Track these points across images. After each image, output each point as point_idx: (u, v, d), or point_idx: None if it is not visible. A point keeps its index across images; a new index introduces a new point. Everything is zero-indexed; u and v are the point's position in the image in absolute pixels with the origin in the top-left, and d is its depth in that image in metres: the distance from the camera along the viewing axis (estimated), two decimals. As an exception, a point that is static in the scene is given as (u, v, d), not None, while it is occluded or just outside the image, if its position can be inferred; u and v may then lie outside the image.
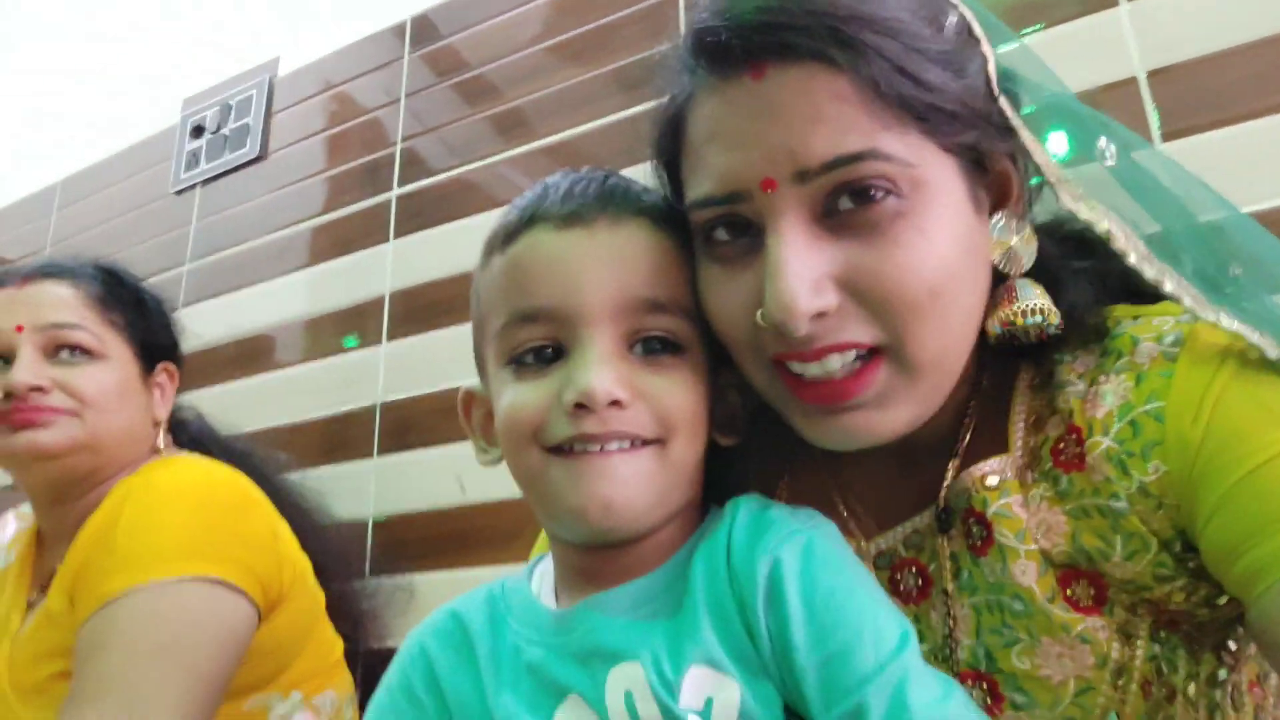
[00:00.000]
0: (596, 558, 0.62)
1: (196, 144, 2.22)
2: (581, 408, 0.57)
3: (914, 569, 0.65)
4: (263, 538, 1.08)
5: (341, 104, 2.00)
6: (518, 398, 0.60)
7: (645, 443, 0.59)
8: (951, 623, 0.62)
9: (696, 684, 0.55)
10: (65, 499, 1.13)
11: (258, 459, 1.30)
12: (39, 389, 1.07)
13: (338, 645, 1.24)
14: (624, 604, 0.60)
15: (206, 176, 2.17)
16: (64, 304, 1.13)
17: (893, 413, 0.58)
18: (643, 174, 0.68)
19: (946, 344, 0.58)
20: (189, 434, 1.28)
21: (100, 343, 1.13)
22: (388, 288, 1.75)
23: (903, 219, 0.55)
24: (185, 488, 1.06)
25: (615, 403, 0.57)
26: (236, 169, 2.12)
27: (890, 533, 0.67)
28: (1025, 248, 0.61)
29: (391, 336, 1.71)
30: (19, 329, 1.10)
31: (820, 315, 0.55)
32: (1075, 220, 0.61)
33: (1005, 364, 0.65)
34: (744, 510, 0.62)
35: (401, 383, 1.67)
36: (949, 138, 0.56)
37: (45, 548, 1.17)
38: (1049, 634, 0.59)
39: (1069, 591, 0.59)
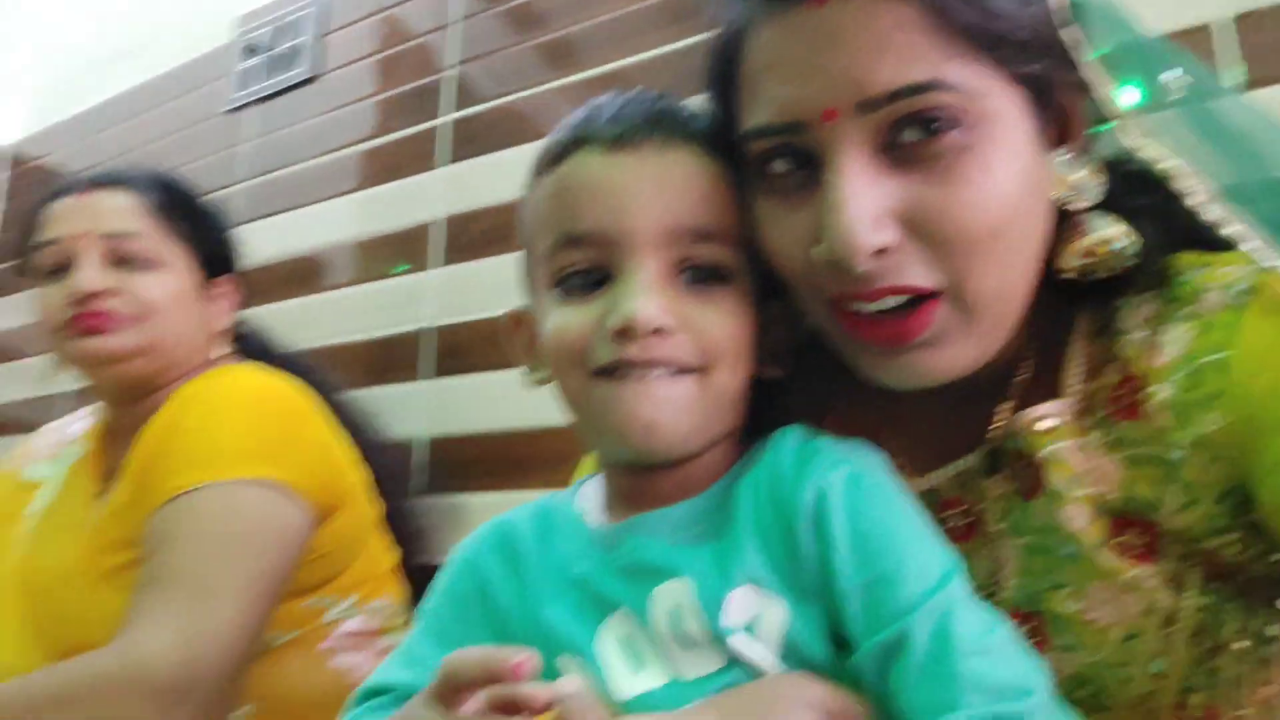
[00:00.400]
0: (641, 480, 0.63)
1: (249, 63, 2.22)
2: (625, 334, 0.57)
3: (960, 509, 0.65)
4: (318, 445, 1.12)
5: (393, 27, 1.99)
6: (563, 321, 0.60)
7: (687, 371, 0.59)
8: (997, 564, 0.62)
9: (742, 603, 0.56)
10: (130, 399, 1.17)
11: (316, 375, 1.33)
12: (101, 295, 1.10)
13: (391, 555, 1.28)
14: (669, 525, 0.61)
15: (259, 96, 2.18)
16: (125, 213, 1.15)
17: (953, 352, 0.57)
18: (703, 98, 0.67)
19: (1006, 283, 0.57)
20: (250, 347, 1.31)
21: (159, 252, 1.16)
22: (439, 213, 1.76)
23: (967, 153, 0.53)
24: (246, 394, 1.10)
25: (658, 330, 0.57)
26: (288, 90, 2.13)
27: (937, 472, 0.66)
28: (1091, 182, 0.60)
29: (446, 261, 1.72)
30: (83, 237, 1.12)
31: (880, 252, 0.54)
32: (1135, 158, 0.59)
33: (1063, 308, 0.63)
34: (791, 439, 0.62)
35: (455, 307, 1.68)
36: (1016, 68, 0.54)
37: (112, 442, 1.22)
38: (1097, 579, 0.58)
39: (1119, 539, 0.58)
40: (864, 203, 0.53)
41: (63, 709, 0.87)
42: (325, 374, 1.40)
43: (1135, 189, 0.61)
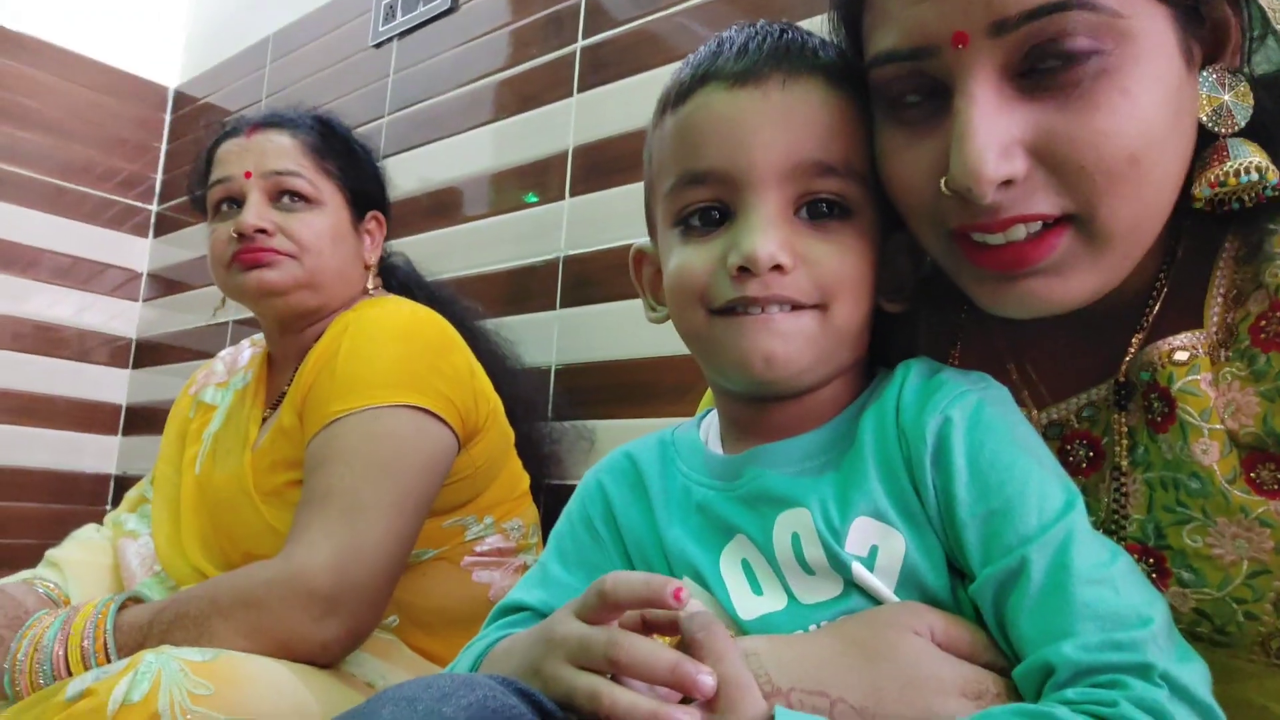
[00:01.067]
0: (760, 411, 0.64)
1: (392, -3, 2.26)
2: (745, 271, 0.57)
3: (1085, 441, 0.63)
4: (462, 374, 1.17)
5: (529, -47, 1.98)
6: (684, 260, 0.61)
7: (806, 307, 0.59)
8: (1122, 498, 0.60)
9: (862, 533, 0.57)
10: (291, 330, 1.26)
11: (458, 305, 1.40)
12: (264, 231, 1.18)
13: (525, 479, 1.34)
14: (790, 456, 0.62)
15: (402, 30, 2.22)
16: (285, 152, 1.23)
17: (1074, 281, 0.55)
18: (828, 23, 0.65)
19: (1141, 214, 0.54)
20: (397, 278, 1.39)
21: (316, 189, 1.23)
22: (571, 143, 1.76)
23: (1105, 77, 0.50)
24: (396, 326, 1.16)
25: (778, 267, 0.57)
26: (429, 21, 2.16)
27: (1064, 403, 0.64)
28: (1240, 104, 0.55)
29: (574, 192, 1.73)
30: (247, 175, 1.21)
31: (1008, 183, 0.52)
32: None
33: (1208, 232, 0.59)
34: (915, 372, 0.62)
35: (583, 237, 1.69)
36: None
37: (275, 370, 1.32)
38: (1225, 515, 0.56)
39: (1254, 474, 0.55)
40: (994, 131, 0.52)
41: (235, 611, 0.95)
42: (466, 303, 1.47)
43: None
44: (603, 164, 1.69)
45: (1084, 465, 0.63)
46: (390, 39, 2.26)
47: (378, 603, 1.01)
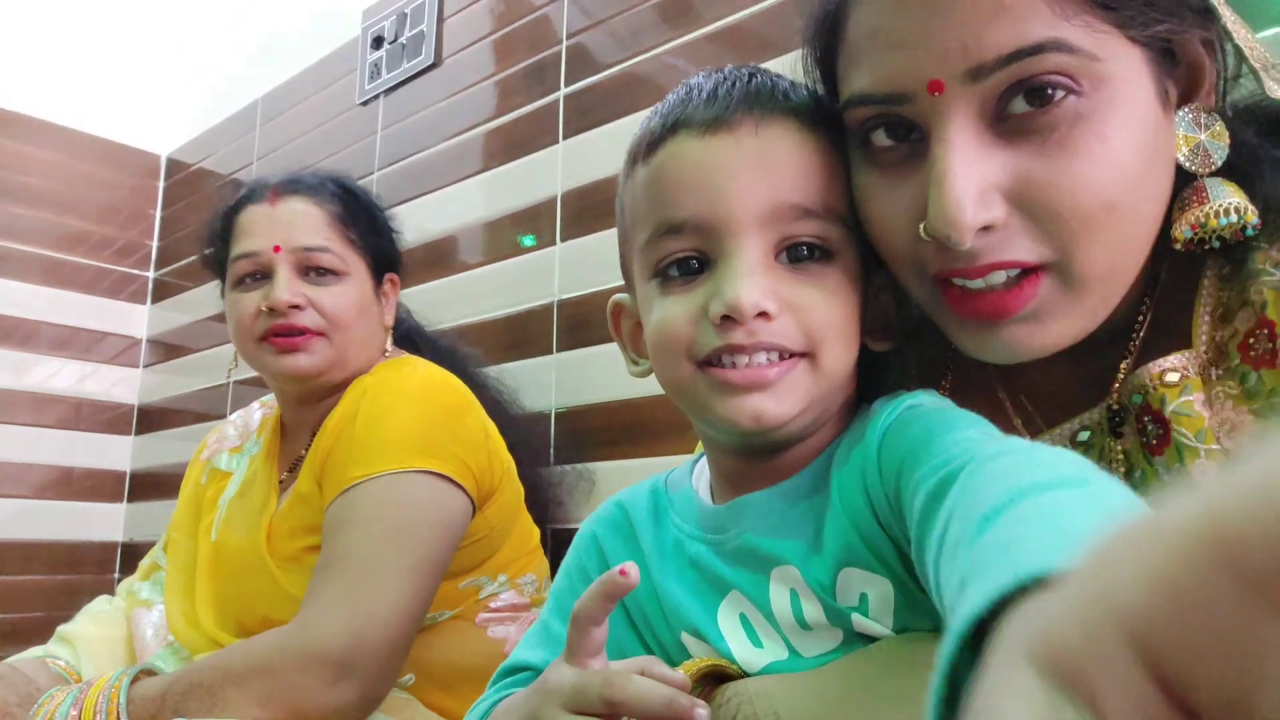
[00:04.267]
0: (748, 462, 0.63)
1: (377, 55, 2.29)
2: (728, 320, 0.56)
3: None
4: (477, 437, 1.18)
5: (509, 3, 2.01)
6: (666, 312, 0.60)
7: (794, 355, 0.57)
8: None
9: (848, 582, 0.56)
10: (310, 400, 1.26)
11: (460, 355, 1.41)
12: (297, 307, 1.19)
13: (535, 533, 1.35)
14: (772, 507, 0.61)
15: (388, 86, 2.25)
16: (312, 226, 1.23)
17: (1053, 327, 0.55)
18: (801, 62, 0.65)
19: (1118, 258, 0.54)
20: (401, 331, 1.40)
21: (343, 262, 1.24)
22: (559, 188, 1.78)
23: (1083, 122, 0.50)
24: (412, 391, 1.17)
25: (763, 314, 0.56)
26: (414, 77, 2.19)
27: (1059, 429, 0.64)
28: (1216, 143, 0.56)
29: (565, 237, 1.74)
30: (276, 250, 1.20)
31: (986, 229, 0.52)
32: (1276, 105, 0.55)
33: (1192, 254, 0.59)
34: (884, 413, 0.60)
35: (576, 281, 1.71)
36: (1141, 29, 0.51)
37: (289, 434, 1.32)
38: None
39: None
40: (971, 178, 0.51)
41: (249, 679, 0.95)
42: (466, 352, 1.48)
43: (1275, 137, 0.57)
44: (592, 208, 1.71)
45: None
46: (376, 96, 2.29)
47: (392, 667, 1.01)
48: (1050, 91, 0.50)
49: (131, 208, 2.97)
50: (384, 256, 1.32)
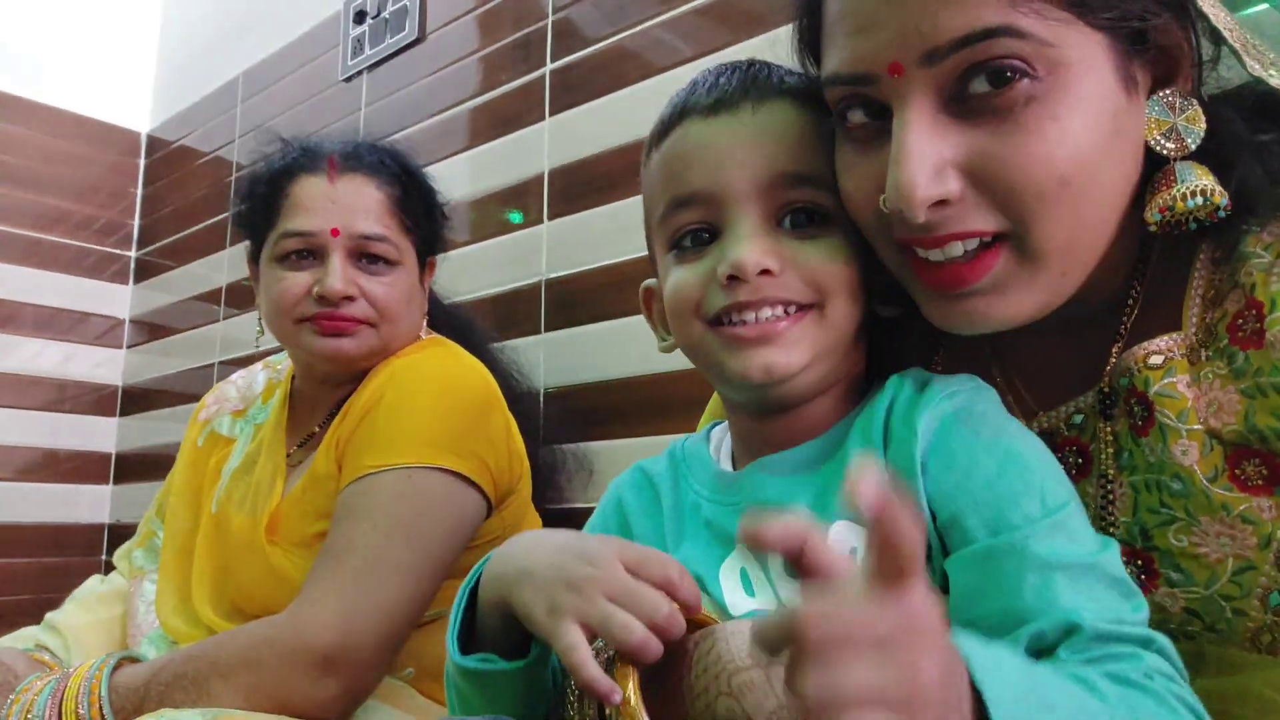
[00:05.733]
0: (764, 424, 0.68)
1: (360, 30, 2.26)
2: (734, 280, 0.61)
3: (1075, 448, 0.64)
4: (499, 436, 1.15)
5: (494, -23, 1.98)
6: (679, 278, 0.66)
7: (801, 309, 0.62)
8: (1109, 502, 0.62)
9: (841, 536, 0.58)
10: (338, 379, 1.22)
11: (477, 330, 1.38)
12: (350, 298, 1.14)
13: (540, 525, 1.32)
14: (786, 466, 0.65)
15: (371, 62, 2.22)
16: (372, 211, 1.17)
17: (1013, 299, 0.57)
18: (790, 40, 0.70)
19: (1076, 234, 0.56)
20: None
21: (398, 251, 1.19)
22: (546, 166, 1.76)
23: (1036, 103, 0.53)
24: (440, 383, 1.14)
25: (766, 271, 0.61)
26: (398, 53, 2.16)
27: (1053, 412, 0.66)
28: (1189, 127, 0.57)
29: (553, 215, 1.73)
30: (334, 233, 1.14)
31: (941, 203, 0.55)
32: (1263, 86, 0.56)
33: (1184, 236, 0.61)
34: (909, 382, 0.64)
35: (564, 259, 1.69)
36: (1098, 15, 0.52)
37: (301, 406, 1.27)
38: (1208, 514, 0.57)
39: (1238, 471, 0.57)
40: (926, 155, 0.54)
41: (236, 671, 0.93)
42: (481, 326, 1.44)
43: (1260, 121, 0.58)
44: (580, 185, 1.69)
45: (1074, 472, 0.64)
46: (360, 72, 2.26)
47: (379, 664, 0.99)
48: (1008, 74, 0.52)
49: (112, 186, 2.93)
50: (433, 240, 1.28)
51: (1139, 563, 0.60)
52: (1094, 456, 0.63)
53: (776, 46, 0.71)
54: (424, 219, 1.25)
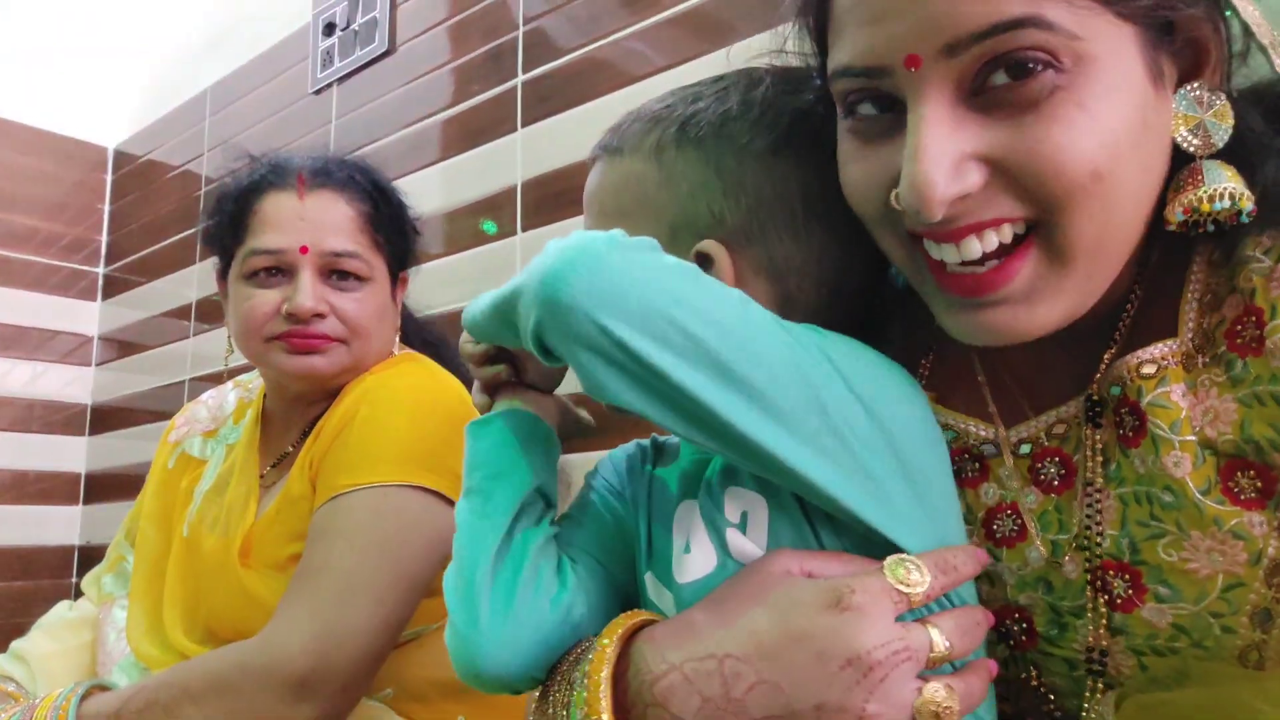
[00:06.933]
0: None
1: (329, 42, 2.24)
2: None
3: (1057, 459, 0.62)
4: None
5: (463, -12, 1.97)
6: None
7: None
8: (1096, 514, 0.59)
9: (734, 501, 0.57)
10: (310, 398, 1.20)
11: (450, 346, 1.35)
12: (320, 315, 1.12)
13: None
14: None
15: (341, 75, 2.20)
16: (343, 229, 1.14)
17: (1042, 308, 0.54)
18: (783, 37, 0.65)
19: (1107, 232, 0.53)
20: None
21: (369, 267, 1.17)
22: (519, 177, 1.75)
23: (1061, 92, 0.50)
24: (414, 399, 1.12)
25: None
26: (368, 65, 2.14)
27: (1034, 420, 0.63)
28: (1217, 124, 0.54)
29: (526, 227, 1.72)
30: (304, 250, 1.12)
31: (963, 199, 0.52)
32: None
33: (1181, 238, 0.58)
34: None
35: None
36: (1128, 3, 0.50)
37: (273, 428, 1.25)
38: (1199, 528, 0.55)
39: (1231, 483, 0.55)
40: (945, 151, 0.51)
41: (208, 697, 0.91)
42: (454, 340, 1.41)
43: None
44: (553, 197, 1.68)
45: (1056, 482, 0.62)
46: (330, 84, 2.24)
47: (356, 687, 0.97)
48: (1030, 65, 0.49)
49: (79, 202, 2.89)
50: (404, 256, 1.25)
51: (1126, 578, 0.58)
52: (1078, 467, 0.61)
53: (749, 55, 0.69)
54: (395, 234, 1.22)
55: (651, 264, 0.50)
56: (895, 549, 0.53)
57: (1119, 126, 0.50)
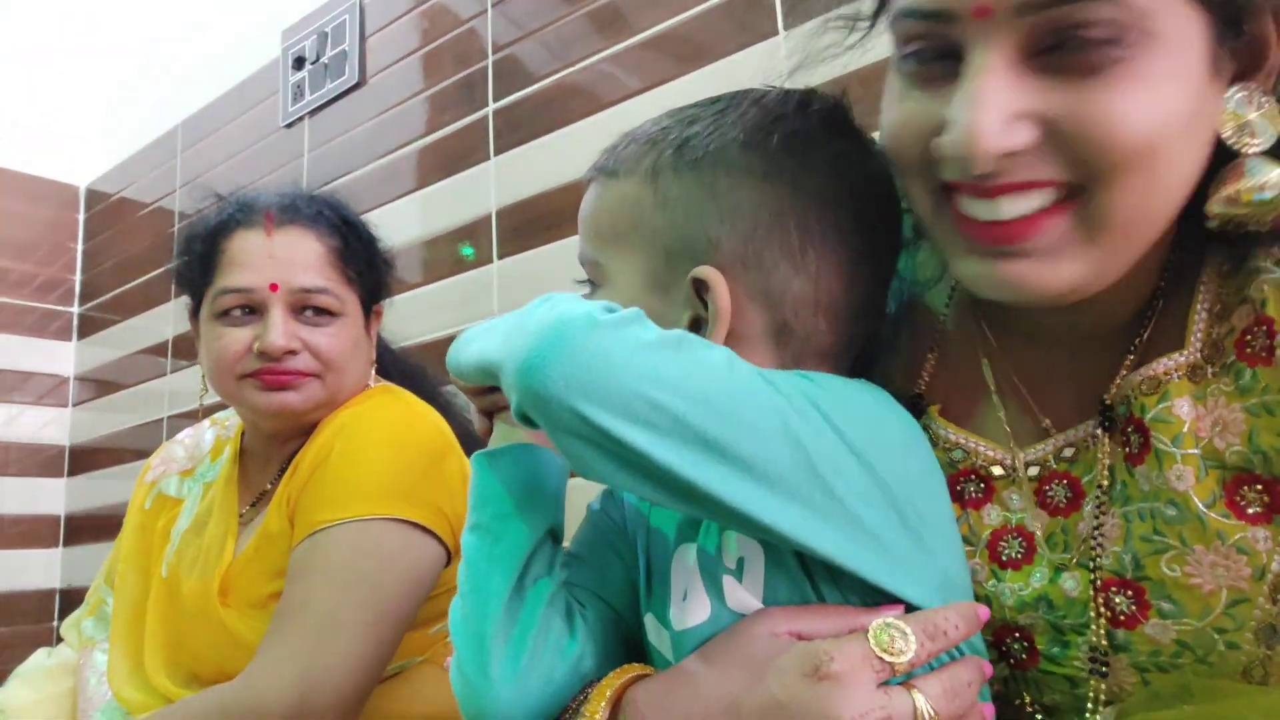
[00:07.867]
0: None
1: (299, 76, 2.25)
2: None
3: (1065, 481, 0.62)
4: (455, 482, 1.12)
5: (433, 19, 1.98)
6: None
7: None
8: (1100, 533, 0.59)
9: (731, 546, 0.56)
10: (286, 434, 1.19)
11: (429, 377, 1.35)
12: (292, 352, 1.11)
13: None
14: None
15: (312, 108, 2.21)
16: (312, 265, 1.14)
17: (1062, 268, 0.53)
18: (758, 56, 0.64)
19: (1144, 209, 0.52)
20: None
21: (340, 302, 1.16)
22: (494, 205, 1.75)
23: (1123, 64, 0.49)
24: (392, 433, 1.11)
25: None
26: (339, 97, 2.14)
27: (1043, 443, 0.63)
28: (1266, 124, 0.54)
29: (502, 254, 1.72)
30: (274, 288, 1.12)
31: (1009, 155, 0.51)
32: None
33: (1194, 252, 0.58)
34: None
35: (515, 298, 1.68)
36: None
37: (251, 466, 1.24)
38: (1202, 542, 0.55)
39: (1237, 497, 0.54)
40: (1001, 104, 0.50)
41: None
42: (435, 373, 1.41)
43: None
44: (528, 223, 1.68)
45: (1063, 505, 0.61)
46: (301, 118, 2.24)
47: None
48: (1096, 36, 0.49)
49: (51, 242, 2.87)
50: (377, 289, 1.25)
51: (1129, 593, 0.57)
52: (1086, 490, 0.60)
53: (723, 78, 0.68)
54: (366, 268, 1.22)
55: (631, 342, 0.48)
56: (895, 598, 0.52)
57: (1175, 108, 0.50)
